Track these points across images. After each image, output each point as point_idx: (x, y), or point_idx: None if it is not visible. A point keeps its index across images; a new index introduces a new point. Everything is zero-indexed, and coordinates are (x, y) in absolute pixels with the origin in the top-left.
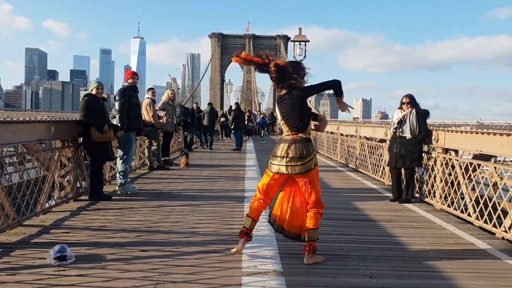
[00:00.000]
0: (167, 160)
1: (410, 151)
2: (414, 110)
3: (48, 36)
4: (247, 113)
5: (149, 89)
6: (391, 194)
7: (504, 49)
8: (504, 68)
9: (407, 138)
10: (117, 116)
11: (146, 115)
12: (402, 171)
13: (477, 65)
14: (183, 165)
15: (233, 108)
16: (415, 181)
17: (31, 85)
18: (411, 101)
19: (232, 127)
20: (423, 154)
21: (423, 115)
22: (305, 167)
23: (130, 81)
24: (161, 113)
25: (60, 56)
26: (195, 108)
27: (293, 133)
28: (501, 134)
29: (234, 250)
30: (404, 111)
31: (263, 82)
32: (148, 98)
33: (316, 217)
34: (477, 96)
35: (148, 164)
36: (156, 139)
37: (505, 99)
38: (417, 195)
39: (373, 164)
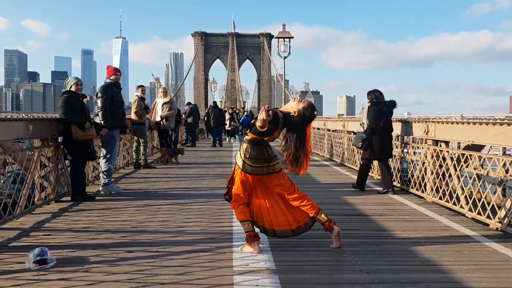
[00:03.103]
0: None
1: (360, 144)
2: (367, 106)
3: (28, 36)
4: (229, 111)
5: (139, 86)
6: (381, 188)
7: (484, 44)
8: (485, 63)
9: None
10: (99, 113)
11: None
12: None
13: (458, 61)
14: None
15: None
16: (390, 173)
17: (12, 87)
18: (368, 96)
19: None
20: (395, 146)
21: (372, 105)
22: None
23: (112, 77)
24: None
25: (40, 57)
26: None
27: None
28: (494, 124)
29: (255, 252)
30: None
31: (248, 81)
32: (136, 95)
33: (310, 201)
34: (458, 91)
35: (143, 162)
36: (144, 138)
37: (485, 94)
38: (405, 187)
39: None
